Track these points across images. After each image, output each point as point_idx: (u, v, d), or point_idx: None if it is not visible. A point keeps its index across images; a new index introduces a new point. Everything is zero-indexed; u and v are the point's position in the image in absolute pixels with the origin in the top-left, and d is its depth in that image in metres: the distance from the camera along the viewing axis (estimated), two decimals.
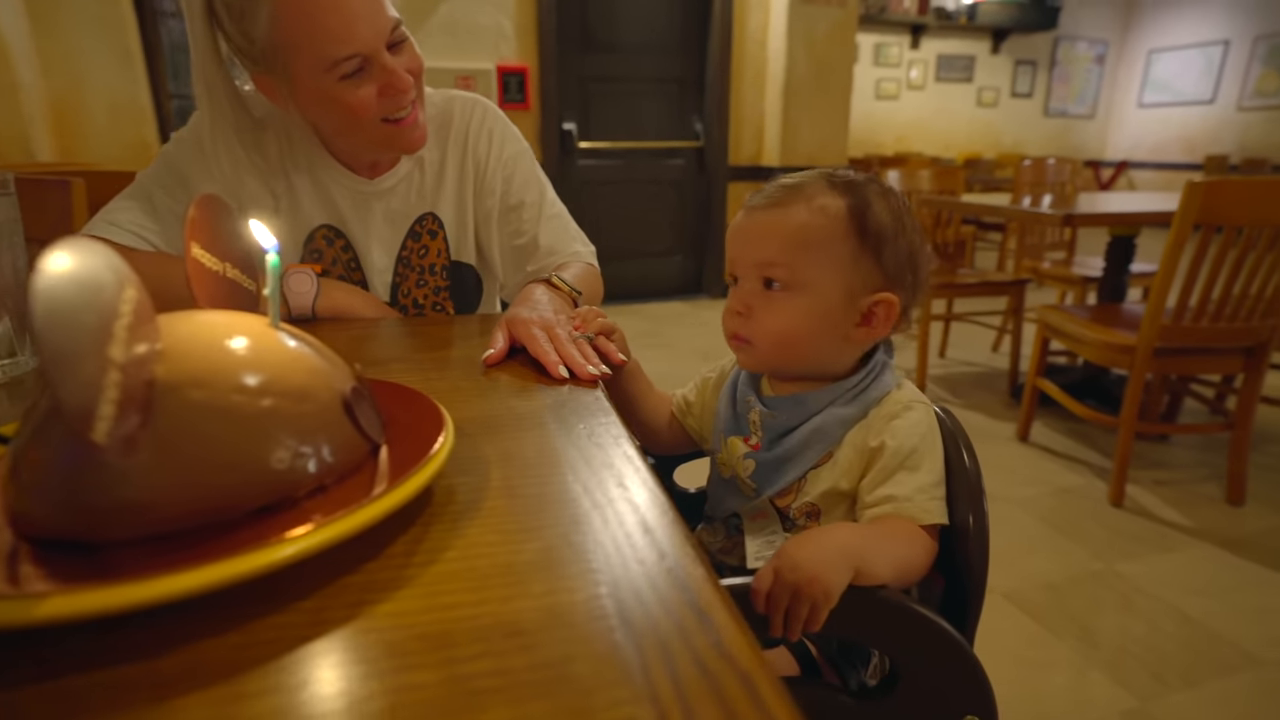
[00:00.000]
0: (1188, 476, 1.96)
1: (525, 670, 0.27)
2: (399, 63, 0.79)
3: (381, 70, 0.77)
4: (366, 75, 0.77)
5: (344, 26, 0.73)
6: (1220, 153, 7.13)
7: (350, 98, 0.77)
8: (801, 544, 0.48)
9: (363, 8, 0.74)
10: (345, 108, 0.77)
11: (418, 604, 0.31)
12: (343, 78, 0.75)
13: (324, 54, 0.73)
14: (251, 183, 0.86)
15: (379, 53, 0.76)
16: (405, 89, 0.79)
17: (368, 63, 0.76)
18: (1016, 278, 2.66)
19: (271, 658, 0.27)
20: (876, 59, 7.13)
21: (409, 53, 0.81)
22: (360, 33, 0.74)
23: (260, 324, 0.38)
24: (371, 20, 0.75)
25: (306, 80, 0.76)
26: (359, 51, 0.75)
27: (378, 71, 0.77)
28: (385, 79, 0.78)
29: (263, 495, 0.34)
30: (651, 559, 0.34)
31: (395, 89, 0.79)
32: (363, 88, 0.77)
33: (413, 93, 0.82)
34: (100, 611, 0.26)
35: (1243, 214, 1.55)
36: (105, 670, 0.27)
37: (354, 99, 0.77)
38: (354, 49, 0.74)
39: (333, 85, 0.76)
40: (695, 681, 0.26)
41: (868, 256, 0.59)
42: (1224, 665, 1.26)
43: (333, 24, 0.72)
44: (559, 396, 0.56)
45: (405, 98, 0.80)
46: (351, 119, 0.79)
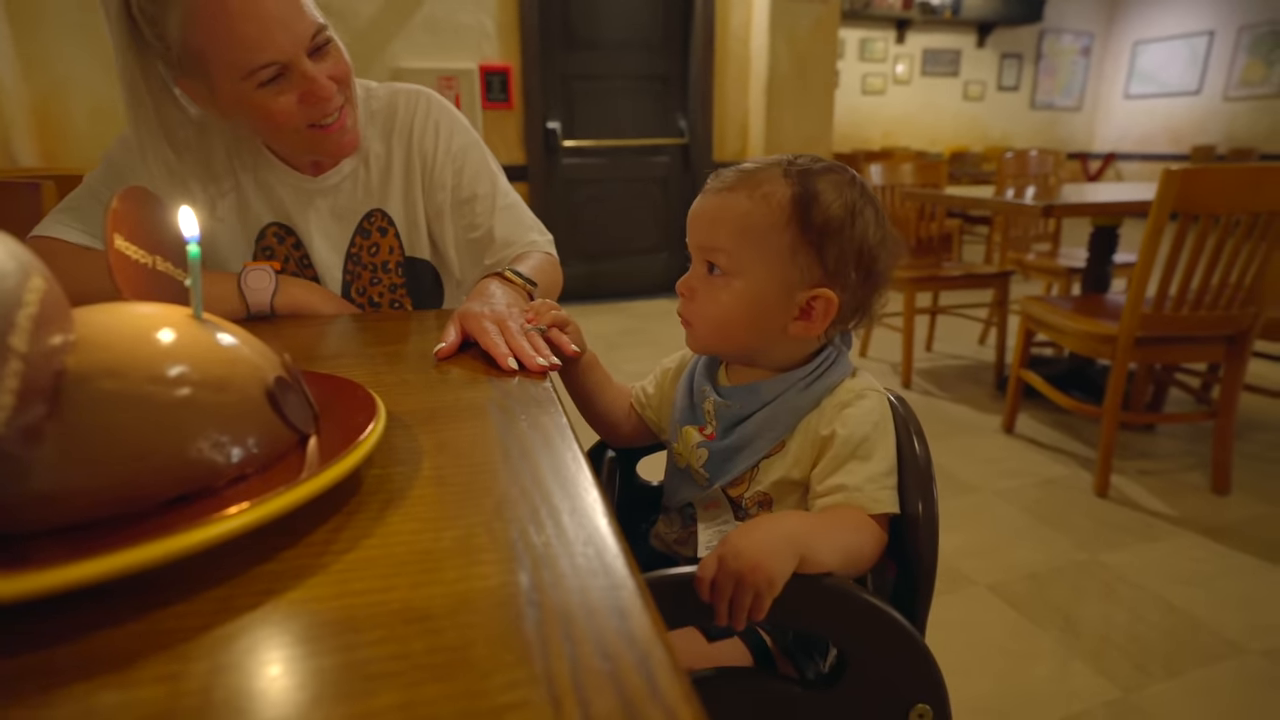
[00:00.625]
0: (1173, 466, 1.96)
1: (424, 654, 0.26)
2: (321, 69, 0.76)
3: (301, 78, 0.74)
4: (286, 82, 0.74)
5: (259, 33, 0.70)
6: (1207, 143, 7.16)
7: (270, 105, 0.75)
8: (745, 532, 0.48)
9: (279, 13, 0.71)
10: (266, 115, 0.75)
11: (327, 590, 0.30)
12: (260, 85, 0.73)
13: (239, 61, 0.71)
14: (193, 185, 0.84)
15: (298, 60, 0.74)
16: (327, 97, 0.77)
17: (287, 70, 0.74)
18: (1001, 270, 2.66)
19: (169, 646, 0.27)
20: (862, 54, 7.13)
21: (334, 58, 0.78)
22: (276, 40, 0.71)
23: (182, 315, 0.38)
24: (289, 26, 0.72)
25: (225, 86, 0.73)
26: (275, 60, 0.72)
27: (297, 79, 0.75)
28: (306, 86, 0.75)
29: (178, 485, 0.33)
30: (573, 545, 0.33)
31: (316, 97, 0.76)
32: (283, 95, 0.75)
33: (338, 99, 0.79)
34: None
35: (1219, 202, 1.56)
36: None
37: (274, 106, 0.75)
38: (270, 57, 0.72)
39: (251, 92, 0.73)
40: (594, 665, 0.25)
41: (808, 250, 0.58)
42: (1207, 654, 1.26)
43: (246, 31, 0.70)
44: (507, 389, 0.56)
45: (328, 105, 0.78)
46: (274, 125, 0.77)
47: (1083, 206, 2.03)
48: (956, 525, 1.68)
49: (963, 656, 1.26)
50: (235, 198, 0.89)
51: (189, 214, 0.39)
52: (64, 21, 2.84)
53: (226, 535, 0.30)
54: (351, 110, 0.83)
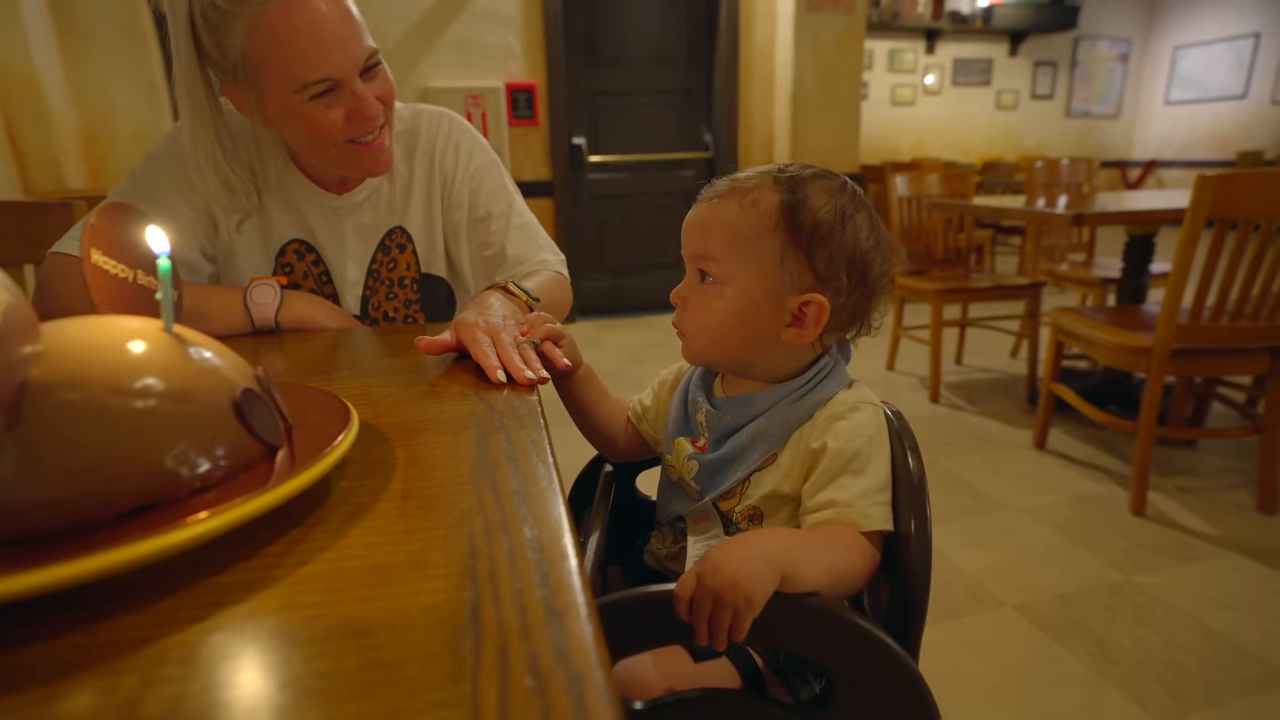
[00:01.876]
0: (1215, 484, 1.88)
1: (355, 671, 0.26)
2: (370, 89, 0.80)
3: (351, 95, 0.78)
4: (336, 98, 0.78)
5: (318, 51, 0.74)
6: (1254, 149, 6.90)
7: (318, 118, 0.78)
8: (726, 549, 0.47)
9: (339, 34, 0.75)
10: (312, 126, 0.79)
11: (274, 604, 0.30)
12: (312, 98, 0.77)
13: (295, 75, 0.75)
14: (224, 196, 0.87)
15: (351, 79, 0.77)
16: (373, 115, 0.80)
17: (338, 86, 0.77)
18: (1033, 281, 2.60)
19: (106, 659, 0.27)
20: (891, 65, 7.06)
21: (381, 80, 0.82)
22: (334, 58, 0.75)
23: (152, 327, 0.38)
24: (346, 47, 0.76)
25: (276, 96, 0.77)
26: (330, 76, 0.76)
27: (347, 96, 0.78)
28: (354, 104, 0.79)
29: (138, 496, 0.34)
30: (529, 563, 0.33)
31: (363, 115, 0.80)
32: (332, 110, 0.78)
33: (381, 119, 0.82)
34: None
35: (1258, 208, 1.49)
36: None
37: (321, 119, 0.78)
38: (326, 73, 0.75)
39: (301, 104, 0.77)
40: (523, 686, 0.25)
41: (797, 255, 0.57)
42: (1250, 682, 1.19)
43: (307, 48, 0.74)
44: (493, 402, 0.56)
45: (373, 124, 0.81)
46: (317, 137, 0.80)
47: (1114, 215, 1.96)
48: (984, 543, 1.63)
49: (988, 680, 1.21)
50: (259, 214, 0.91)
51: (158, 232, 0.39)
52: (110, 52, 2.97)
53: (179, 546, 0.30)
54: (389, 131, 0.86)
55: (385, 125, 0.84)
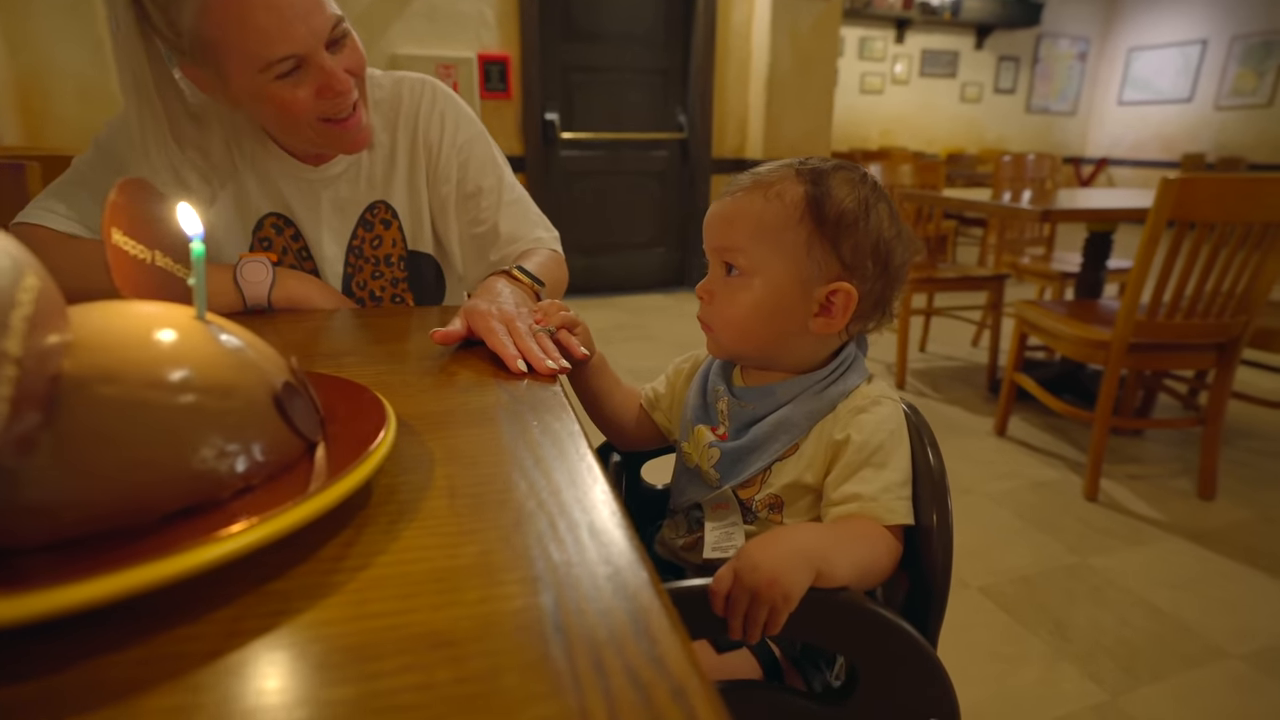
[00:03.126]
0: (1160, 471, 1.98)
1: (450, 684, 0.25)
2: (338, 62, 0.74)
3: (319, 71, 0.73)
4: (303, 75, 0.73)
5: (278, 26, 0.68)
6: (1197, 151, 7.22)
7: (286, 97, 0.73)
8: (762, 545, 0.47)
9: (299, 5, 0.69)
10: (280, 106, 0.74)
11: (343, 613, 0.29)
12: (277, 77, 0.71)
13: (256, 54, 0.69)
14: (191, 176, 0.82)
15: (316, 53, 0.72)
16: (345, 90, 0.75)
17: (304, 62, 0.72)
18: (996, 273, 2.67)
19: (177, 674, 0.25)
20: (861, 53, 7.12)
21: (350, 50, 0.76)
22: (296, 32, 0.69)
23: (184, 315, 0.36)
24: (308, 19, 0.70)
25: (238, 77, 0.71)
26: (295, 52, 0.70)
27: (315, 72, 0.73)
28: (323, 80, 0.73)
29: (181, 497, 0.32)
30: (594, 564, 0.32)
31: (334, 90, 0.74)
32: (300, 88, 0.73)
33: (353, 94, 0.77)
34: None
35: (1215, 211, 1.56)
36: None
37: (289, 98, 0.73)
38: (289, 50, 0.70)
39: (267, 84, 0.72)
40: (627, 695, 0.24)
41: (823, 245, 0.58)
42: (1192, 658, 1.27)
43: (266, 22, 0.68)
44: (515, 392, 0.54)
45: (345, 99, 0.76)
46: (288, 118, 0.75)
47: (1079, 212, 2.03)
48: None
49: (955, 659, 1.25)
50: (233, 187, 0.86)
51: (190, 211, 0.37)
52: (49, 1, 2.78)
53: (236, 553, 0.29)
54: (365, 105, 0.82)
55: (360, 99, 0.80)
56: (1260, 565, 1.54)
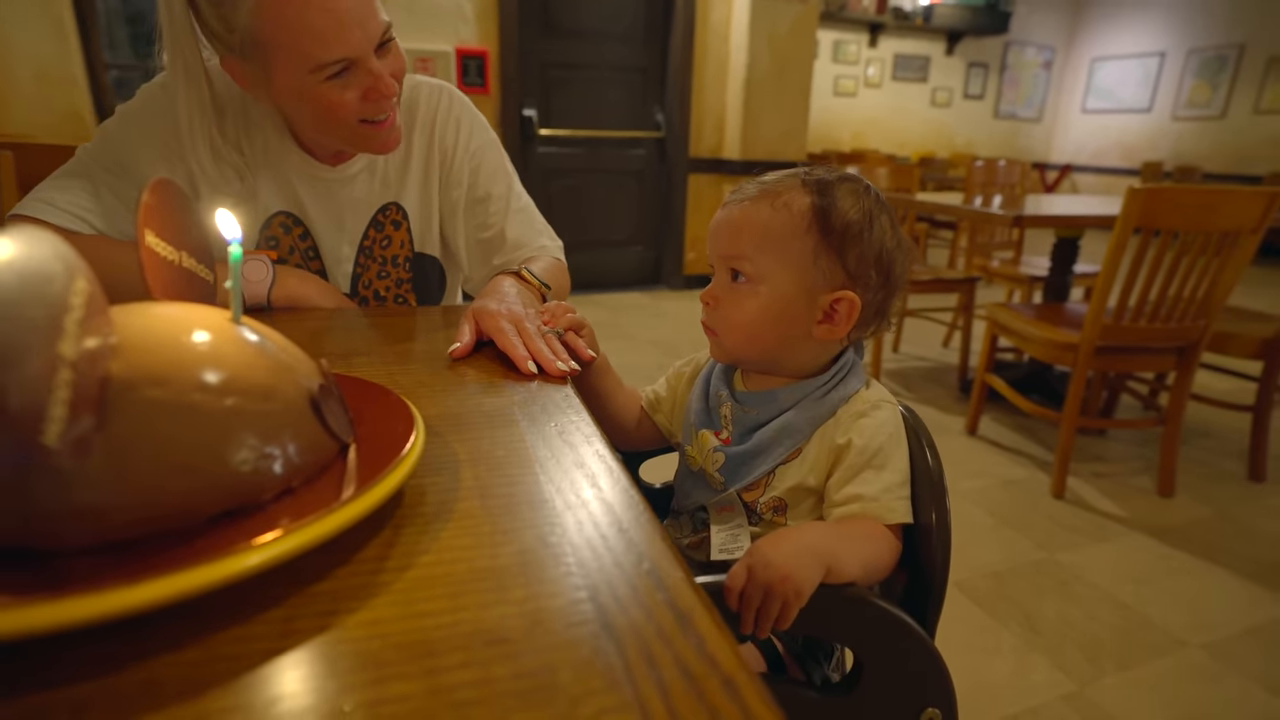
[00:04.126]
0: (1123, 469, 2.05)
1: (509, 680, 0.26)
2: (384, 66, 0.75)
3: (367, 74, 0.73)
4: (351, 77, 0.73)
5: (334, 29, 0.69)
6: (1156, 159, 7.46)
7: (332, 99, 0.73)
8: (775, 543, 0.49)
9: (356, 10, 0.70)
10: (324, 107, 0.74)
11: (393, 612, 0.30)
12: (327, 79, 0.72)
13: (309, 55, 0.69)
14: (212, 169, 0.81)
15: (367, 57, 0.72)
16: (389, 94, 0.76)
17: (353, 65, 0.72)
18: (967, 275, 2.74)
19: (236, 674, 0.26)
20: (835, 56, 7.21)
21: (395, 55, 0.77)
22: (351, 36, 0.70)
23: (222, 318, 0.36)
24: (363, 24, 0.71)
25: (286, 76, 0.71)
26: (348, 56, 0.71)
27: (363, 75, 0.73)
28: (370, 83, 0.74)
29: (226, 499, 0.32)
30: (629, 561, 0.34)
31: (380, 94, 0.75)
32: (347, 90, 0.73)
33: (396, 96, 0.78)
34: (51, 627, 0.25)
35: (1179, 219, 1.63)
36: (59, 689, 0.25)
37: (336, 100, 0.73)
38: (343, 53, 0.70)
39: (315, 85, 0.72)
40: (680, 687, 0.26)
41: (829, 254, 0.59)
42: (1154, 649, 1.33)
43: (323, 25, 0.68)
44: (527, 393, 0.55)
45: (388, 103, 0.77)
46: (329, 118, 0.75)
47: (1050, 219, 2.10)
48: None
49: None
50: (245, 184, 0.85)
51: (228, 215, 0.37)
52: None
53: (283, 557, 0.29)
54: (399, 107, 0.82)
55: (396, 101, 0.80)
56: (1217, 560, 1.61)
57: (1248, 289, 4.53)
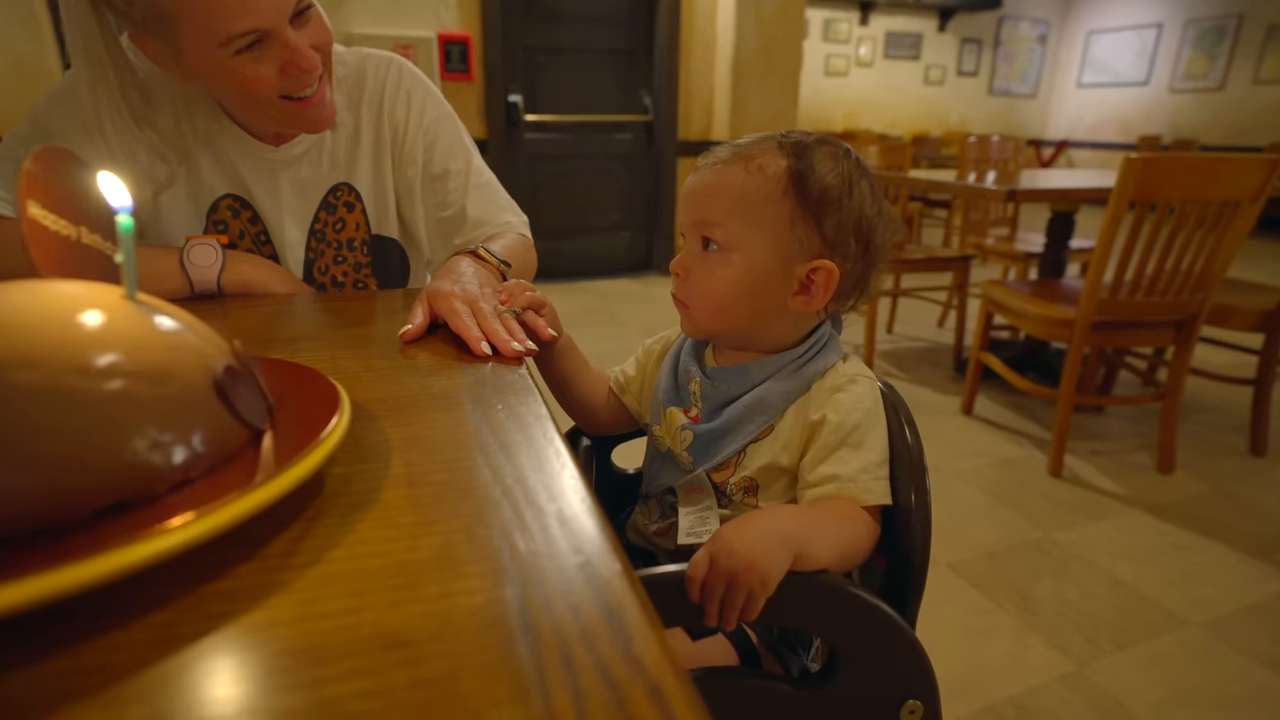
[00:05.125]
0: (1121, 446, 2.03)
1: (405, 689, 0.23)
2: (303, 38, 0.70)
3: (283, 47, 0.68)
4: (265, 50, 0.68)
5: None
6: (1153, 133, 7.39)
7: (246, 73, 0.68)
8: (738, 529, 0.46)
9: None
10: (240, 83, 0.69)
11: (289, 613, 0.27)
12: (238, 52, 0.67)
13: (214, 28, 0.64)
14: (144, 156, 0.77)
15: (280, 28, 0.67)
16: (310, 68, 0.71)
17: (266, 37, 0.67)
18: (961, 254, 2.70)
19: (102, 686, 0.23)
20: (826, 34, 7.12)
21: (316, 26, 0.72)
22: (260, 7, 0.65)
23: (113, 295, 0.33)
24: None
25: (194, 51, 0.67)
26: (257, 27, 0.66)
27: (278, 48, 0.69)
28: (287, 56, 0.69)
29: (112, 492, 0.29)
30: (564, 554, 0.30)
31: (299, 68, 0.70)
32: (262, 64, 0.69)
33: (319, 70, 0.73)
34: None
35: (1175, 191, 1.59)
36: None
37: (251, 75, 0.69)
38: (251, 24, 0.65)
39: (226, 59, 0.67)
40: (599, 695, 0.23)
41: (805, 221, 0.56)
42: (1152, 627, 1.31)
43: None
44: (480, 375, 0.52)
45: (310, 77, 0.72)
46: (247, 95, 0.71)
47: (1043, 192, 2.05)
48: None
49: (927, 634, 1.26)
50: (185, 168, 0.81)
51: (114, 181, 0.34)
52: None
53: (171, 551, 0.26)
54: (329, 82, 0.78)
55: (324, 76, 0.76)
56: (1216, 536, 1.59)
57: (1247, 261, 4.49)
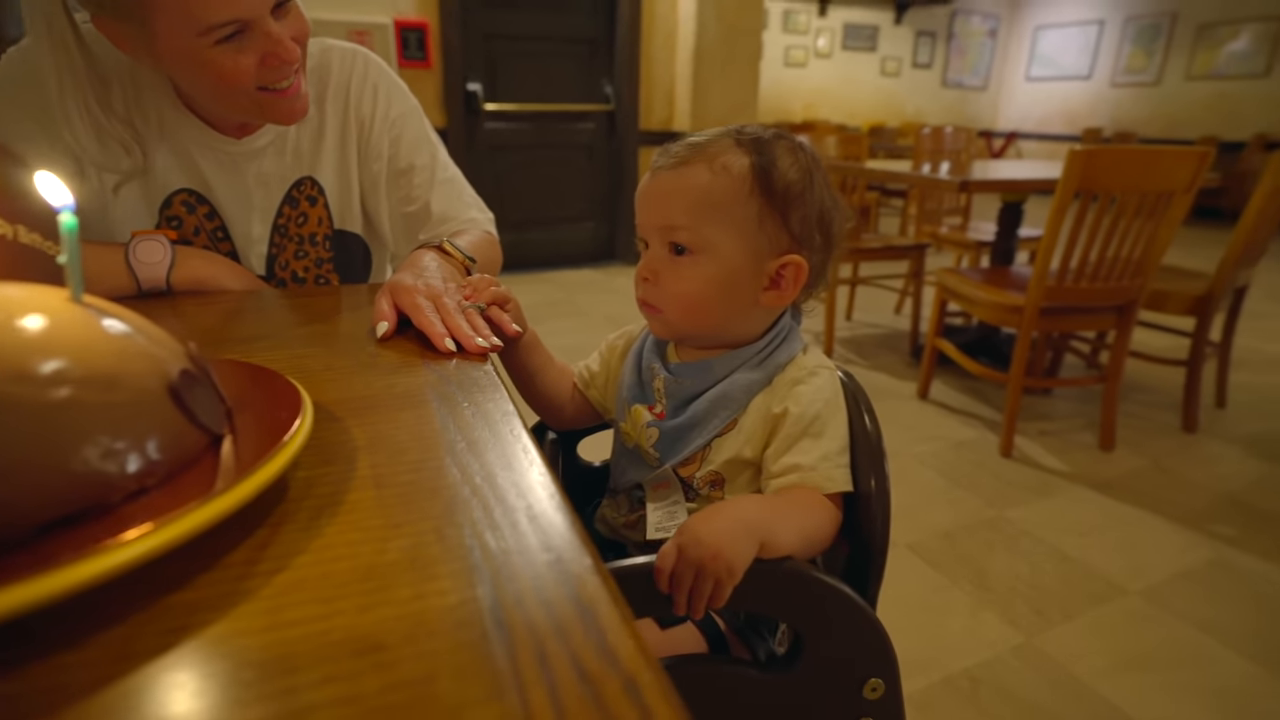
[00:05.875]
0: (1067, 426, 2.11)
1: (379, 693, 0.23)
2: (284, 28, 0.68)
3: (264, 38, 0.67)
4: (246, 41, 0.66)
5: None
6: (1096, 125, 7.66)
7: (226, 64, 0.66)
8: (705, 519, 0.47)
9: None
10: (219, 74, 0.67)
11: (256, 623, 0.26)
12: (218, 42, 0.65)
13: (196, 16, 0.62)
14: (110, 145, 0.73)
15: (263, 18, 0.66)
16: (290, 60, 0.69)
17: (248, 28, 0.65)
18: (917, 242, 2.76)
19: (54, 707, 0.22)
20: (785, 26, 7.18)
21: (295, 17, 0.71)
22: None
23: (56, 297, 0.32)
24: None
25: (171, 39, 0.64)
26: (240, 17, 0.64)
27: (260, 39, 0.66)
28: (268, 47, 0.67)
29: (61, 504, 0.28)
30: (535, 551, 0.31)
31: (279, 59, 0.68)
32: (242, 55, 0.66)
33: (299, 62, 0.72)
34: None
35: (1117, 181, 1.66)
36: None
37: (231, 66, 0.66)
38: (234, 14, 0.63)
39: (205, 49, 0.65)
40: (575, 690, 0.23)
41: (773, 217, 0.56)
42: (1096, 597, 1.37)
43: None
44: (444, 372, 0.52)
45: (290, 68, 0.71)
46: (225, 86, 0.68)
47: (994, 183, 2.12)
48: None
49: (888, 613, 1.30)
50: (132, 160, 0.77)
51: (52, 179, 0.32)
52: None
53: (127, 565, 0.25)
54: (304, 74, 0.75)
55: (300, 68, 0.74)
56: (1153, 509, 1.67)
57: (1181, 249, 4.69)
